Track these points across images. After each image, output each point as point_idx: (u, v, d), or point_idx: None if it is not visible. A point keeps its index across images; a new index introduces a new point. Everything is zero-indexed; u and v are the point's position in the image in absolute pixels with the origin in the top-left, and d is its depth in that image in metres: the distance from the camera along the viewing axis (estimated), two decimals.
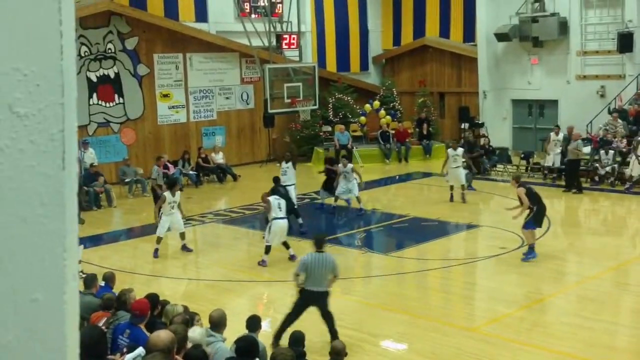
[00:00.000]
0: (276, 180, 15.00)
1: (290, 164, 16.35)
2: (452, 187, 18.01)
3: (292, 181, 16.15)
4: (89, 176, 19.16)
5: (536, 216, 12.97)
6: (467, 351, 9.12)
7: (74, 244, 1.27)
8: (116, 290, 8.58)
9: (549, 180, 20.46)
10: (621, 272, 12.53)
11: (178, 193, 14.31)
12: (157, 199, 16.64)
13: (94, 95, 21.64)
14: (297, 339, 7.28)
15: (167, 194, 13.95)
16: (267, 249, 13.01)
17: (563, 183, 19.49)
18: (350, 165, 16.92)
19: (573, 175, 19.10)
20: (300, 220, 15.32)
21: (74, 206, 1.25)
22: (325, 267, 9.10)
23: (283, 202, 13.18)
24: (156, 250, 14.09)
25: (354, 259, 14.10)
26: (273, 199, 13.18)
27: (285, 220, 13.15)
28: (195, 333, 6.25)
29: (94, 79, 21.61)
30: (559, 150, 20.25)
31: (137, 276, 12.87)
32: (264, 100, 21.67)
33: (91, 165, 19.61)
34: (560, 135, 20.45)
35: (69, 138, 1.22)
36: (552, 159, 20.47)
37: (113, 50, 22.01)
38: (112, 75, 22.03)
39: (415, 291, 12.03)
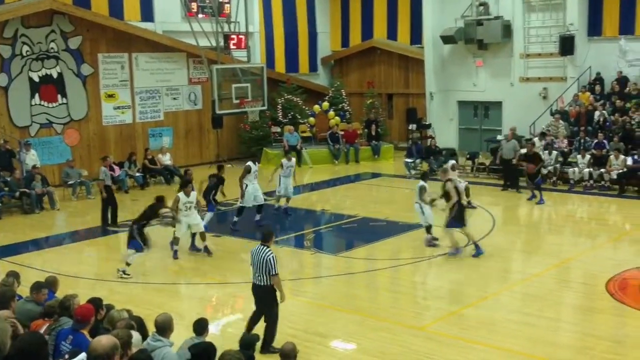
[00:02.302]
0: None
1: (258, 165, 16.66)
2: None
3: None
4: (31, 178, 18.68)
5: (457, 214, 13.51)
6: (415, 349, 9.21)
7: None
8: (60, 295, 8.36)
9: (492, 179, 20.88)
10: (563, 270, 12.84)
11: (193, 193, 14.02)
12: (108, 200, 16.43)
13: (36, 95, 21.11)
14: (247, 343, 7.22)
15: (181, 194, 13.78)
16: None
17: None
18: (293, 160, 17.21)
19: (513, 174, 19.57)
20: (257, 217, 16.20)
21: None
22: (259, 261, 9.03)
23: None
24: (175, 251, 13.97)
25: (303, 259, 14.10)
26: None
27: None
28: (131, 339, 6.12)
29: (36, 79, 21.08)
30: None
31: (82, 280, 12.59)
32: (211, 101, 21.46)
33: (33, 167, 19.13)
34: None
35: None
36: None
37: (56, 50, 21.51)
38: (55, 75, 21.53)
39: (364, 291, 12.09)
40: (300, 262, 14.00)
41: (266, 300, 9.16)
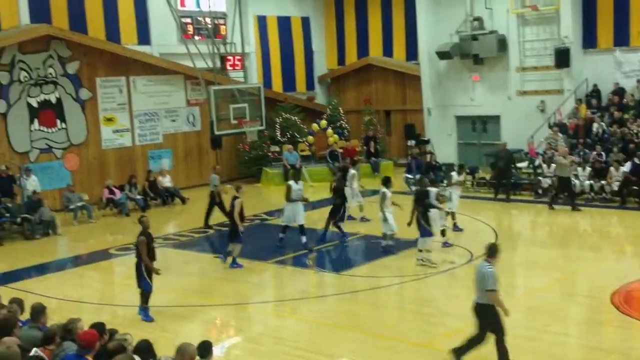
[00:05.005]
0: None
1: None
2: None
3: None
4: (31, 204, 18.65)
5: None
6: None
7: None
8: (63, 319, 8.28)
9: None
10: (567, 283, 12.80)
11: None
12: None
13: (35, 120, 21.16)
14: None
15: None
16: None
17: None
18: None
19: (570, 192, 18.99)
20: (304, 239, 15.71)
21: None
22: (478, 276, 8.69)
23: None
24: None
25: (306, 279, 14.05)
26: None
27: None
28: None
29: (35, 105, 21.16)
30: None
31: (85, 305, 12.54)
32: (210, 122, 21.48)
33: (34, 192, 19.11)
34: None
35: None
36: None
37: (54, 75, 21.60)
38: (53, 100, 21.61)
39: (368, 309, 12.03)
40: (304, 281, 13.95)
41: (488, 319, 8.70)
